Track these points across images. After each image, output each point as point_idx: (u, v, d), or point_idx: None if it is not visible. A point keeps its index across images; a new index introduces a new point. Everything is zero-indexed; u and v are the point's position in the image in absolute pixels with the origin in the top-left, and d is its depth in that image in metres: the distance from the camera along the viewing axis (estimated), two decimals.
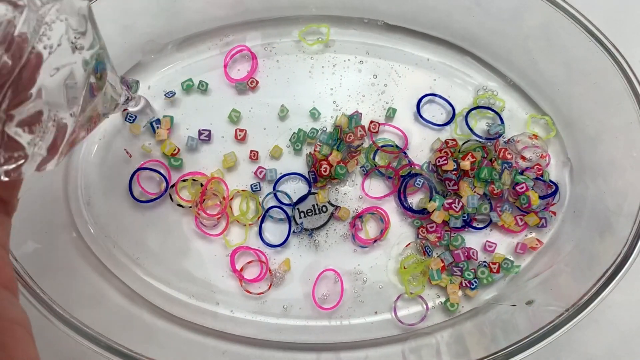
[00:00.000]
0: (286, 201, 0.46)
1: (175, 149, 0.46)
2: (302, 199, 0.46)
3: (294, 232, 0.45)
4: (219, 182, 0.46)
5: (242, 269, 0.45)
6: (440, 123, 0.48)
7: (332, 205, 0.46)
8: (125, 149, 0.47)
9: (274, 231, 0.46)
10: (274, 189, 0.46)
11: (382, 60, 0.49)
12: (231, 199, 0.46)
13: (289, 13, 0.49)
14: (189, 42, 0.49)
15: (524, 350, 0.37)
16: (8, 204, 0.25)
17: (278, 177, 0.46)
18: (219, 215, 0.45)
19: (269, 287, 0.45)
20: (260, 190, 0.46)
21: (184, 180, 0.46)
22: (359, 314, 0.45)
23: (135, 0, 0.44)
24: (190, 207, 0.46)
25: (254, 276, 0.45)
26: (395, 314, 0.44)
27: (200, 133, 0.47)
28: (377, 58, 0.49)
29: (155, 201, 0.46)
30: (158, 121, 0.47)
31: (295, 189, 0.47)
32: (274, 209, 0.46)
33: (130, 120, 0.47)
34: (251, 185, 0.46)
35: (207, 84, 0.48)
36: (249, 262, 0.45)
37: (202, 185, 0.45)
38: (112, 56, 0.45)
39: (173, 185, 0.46)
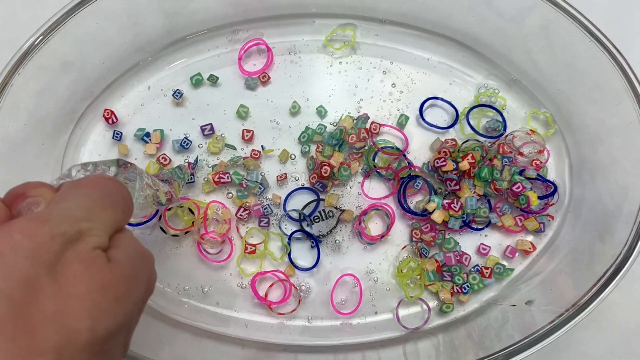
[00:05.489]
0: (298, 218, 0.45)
1: (160, 171, 0.44)
2: (312, 213, 0.45)
3: (312, 246, 0.45)
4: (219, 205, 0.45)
5: (266, 295, 0.44)
6: (444, 125, 0.48)
7: (337, 209, 0.46)
8: None
9: (299, 250, 0.45)
10: (284, 208, 0.45)
11: (403, 66, 0.49)
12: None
13: (288, 11, 0.49)
14: (188, 42, 0.49)
15: (525, 350, 0.37)
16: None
17: (288, 192, 0.46)
18: (223, 241, 0.44)
19: (299, 302, 0.44)
20: (271, 212, 0.45)
21: (169, 209, 0.44)
22: (367, 315, 0.44)
23: (137, 0, 0.44)
24: (186, 232, 0.44)
25: (280, 297, 0.44)
26: (398, 319, 0.44)
27: (202, 129, 0.46)
28: (399, 64, 0.49)
29: (147, 228, 0.44)
30: (148, 134, 0.46)
31: (303, 199, 0.46)
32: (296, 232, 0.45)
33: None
34: (260, 218, 0.45)
35: (217, 78, 0.48)
36: (271, 286, 0.44)
37: (191, 211, 0.44)
38: (111, 56, 0.46)
39: (160, 217, 0.44)
